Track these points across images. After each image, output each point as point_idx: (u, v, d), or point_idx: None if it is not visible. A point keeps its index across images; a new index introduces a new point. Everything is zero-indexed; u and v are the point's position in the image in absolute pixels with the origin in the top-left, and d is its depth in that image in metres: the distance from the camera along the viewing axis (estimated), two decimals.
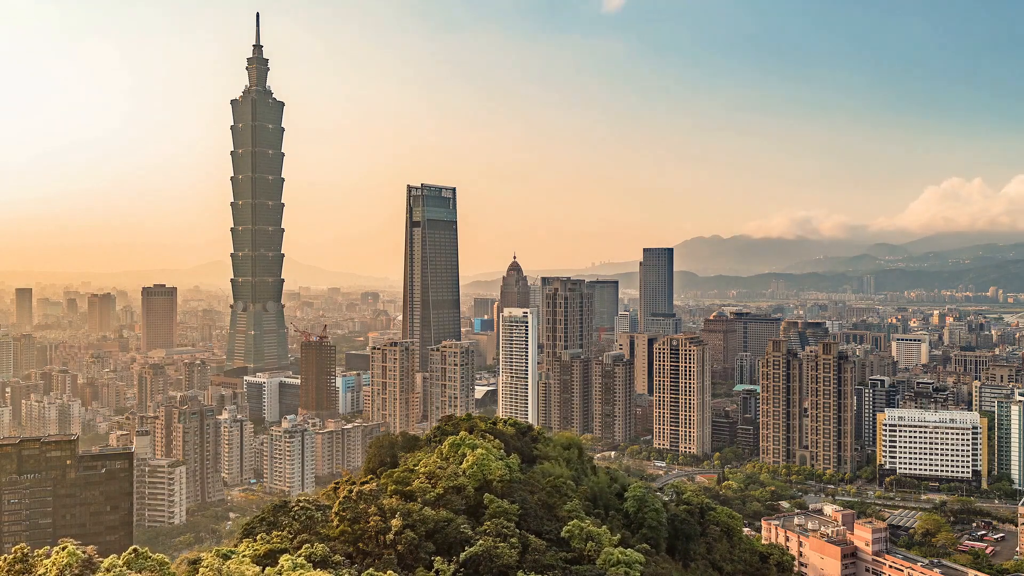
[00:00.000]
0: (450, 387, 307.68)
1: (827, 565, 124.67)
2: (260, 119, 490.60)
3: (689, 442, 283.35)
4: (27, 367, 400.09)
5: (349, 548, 46.85)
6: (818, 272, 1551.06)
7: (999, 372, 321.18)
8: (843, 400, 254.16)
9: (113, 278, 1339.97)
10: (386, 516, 47.26)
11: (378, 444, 76.06)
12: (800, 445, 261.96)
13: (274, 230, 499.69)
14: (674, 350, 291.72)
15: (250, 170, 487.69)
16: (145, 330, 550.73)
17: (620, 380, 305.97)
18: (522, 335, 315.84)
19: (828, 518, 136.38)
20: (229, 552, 39.64)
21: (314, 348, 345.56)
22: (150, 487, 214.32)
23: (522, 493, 56.84)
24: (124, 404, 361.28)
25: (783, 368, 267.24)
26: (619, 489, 74.09)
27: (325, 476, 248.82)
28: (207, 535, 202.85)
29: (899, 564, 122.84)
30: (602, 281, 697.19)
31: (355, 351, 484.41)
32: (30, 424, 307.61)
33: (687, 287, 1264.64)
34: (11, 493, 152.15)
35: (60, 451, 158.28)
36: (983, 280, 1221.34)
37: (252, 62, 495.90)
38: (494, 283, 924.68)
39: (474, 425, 74.52)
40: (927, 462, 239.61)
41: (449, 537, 47.37)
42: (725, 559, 73.88)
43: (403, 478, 57.17)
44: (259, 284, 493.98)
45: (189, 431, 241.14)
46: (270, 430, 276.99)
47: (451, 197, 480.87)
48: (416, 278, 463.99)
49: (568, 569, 47.48)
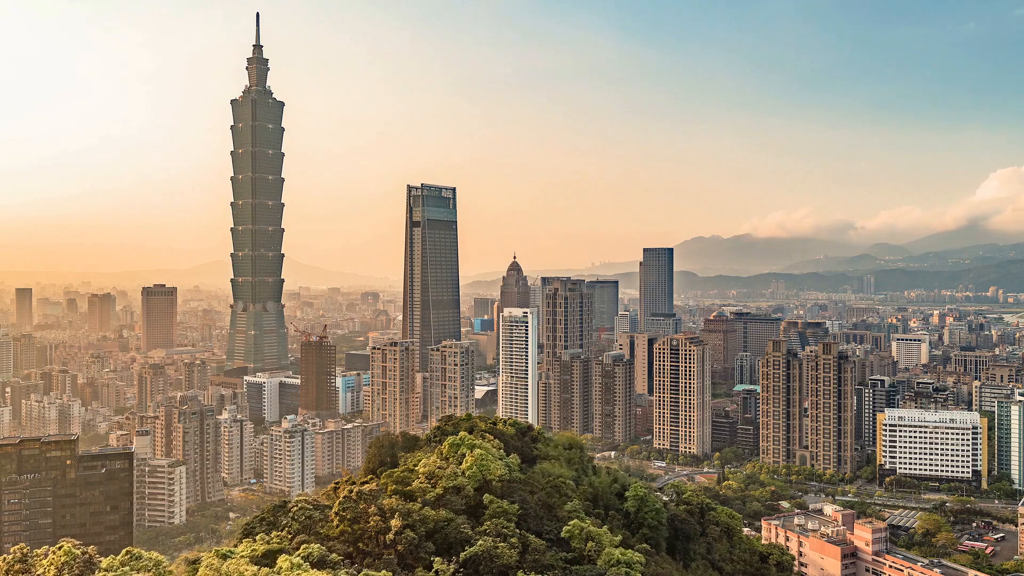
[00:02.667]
0: (450, 387, 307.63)
1: (827, 565, 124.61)
2: (260, 119, 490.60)
3: (689, 442, 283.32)
4: (27, 367, 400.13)
5: (349, 548, 46.78)
6: (818, 272, 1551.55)
7: (999, 372, 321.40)
8: (843, 400, 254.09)
9: (113, 278, 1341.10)
10: (386, 516, 47.18)
11: (378, 444, 75.90)
12: (800, 445, 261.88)
13: (274, 230, 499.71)
14: (674, 350, 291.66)
15: (250, 170, 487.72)
16: (145, 330, 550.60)
17: (620, 380, 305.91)
18: (522, 335, 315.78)
19: (828, 518, 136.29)
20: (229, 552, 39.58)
21: (314, 348, 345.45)
22: (150, 487, 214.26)
23: (522, 493, 56.73)
24: (124, 404, 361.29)
25: (783, 368, 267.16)
26: (619, 489, 73.92)
27: (325, 476, 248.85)
28: (207, 535, 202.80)
29: (899, 564, 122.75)
30: (602, 281, 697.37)
31: (355, 351, 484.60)
32: (30, 424, 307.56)
33: (687, 287, 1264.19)
34: (11, 493, 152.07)
35: (60, 451, 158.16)
36: (983, 280, 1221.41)
37: (252, 62, 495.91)
38: (494, 283, 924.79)
39: (474, 425, 74.39)
40: (927, 462, 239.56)
41: (449, 537, 47.29)
42: (725, 559, 73.79)
43: (403, 478, 57.09)
44: (259, 284, 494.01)
45: (189, 431, 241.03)
46: (270, 430, 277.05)
47: (451, 197, 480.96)
48: (416, 278, 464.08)
49: (568, 569, 47.41)
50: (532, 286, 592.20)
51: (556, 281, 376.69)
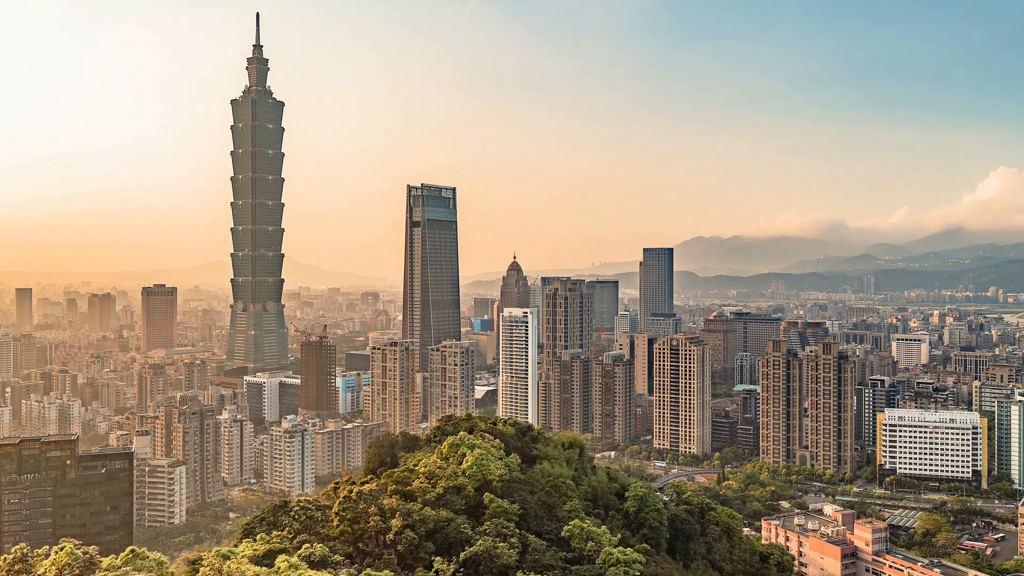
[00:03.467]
0: (450, 387, 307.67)
1: (827, 565, 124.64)
2: (260, 119, 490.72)
3: (689, 442, 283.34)
4: (27, 367, 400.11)
5: (349, 548, 46.82)
6: (818, 272, 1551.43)
7: (999, 372, 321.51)
8: (843, 400, 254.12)
9: (113, 278, 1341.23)
10: (386, 516, 47.23)
11: (378, 444, 75.95)
12: (800, 445, 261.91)
13: (274, 230, 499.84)
14: (674, 350, 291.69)
15: (250, 170, 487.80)
16: (145, 330, 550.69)
17: (620, 380, 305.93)
18: (522, 335, 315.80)
19: (828, 518, 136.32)
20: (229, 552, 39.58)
21: (314, 348, 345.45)
22: (150, 487, 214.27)
23: (522, 493, 56.77)
24: (124, 404, 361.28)
25: (783, 368, 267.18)
26: (619, 489, 73.96)
27: (325, 476, 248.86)
28: (207, 535, 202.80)
29: (899, 564, 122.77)
30: (602, 281, 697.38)
31: (355, 351, 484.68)
32: (30, 424, 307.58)
33: (687, 287, 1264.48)
34: (11, 493, 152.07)
35: (60, 451, 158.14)
36: (983, 280, 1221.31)
37: (252, 62, 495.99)
38: (494, 283, 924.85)
39: (474, 425, 74.43)
40: (927, 462, 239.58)
41: (449, 537, 47.33)
42: (725, 559, 73.80)
43: (403, 478, 57.14)
44: (259, 284, 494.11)
45: (189, 431, 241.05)
46: (270, 430, 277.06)
47: (451, 197, 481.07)
48: (416, 278, 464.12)
49: (568, 569, 47.43)
50: (532, 286, 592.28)
51: (556, 281, 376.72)
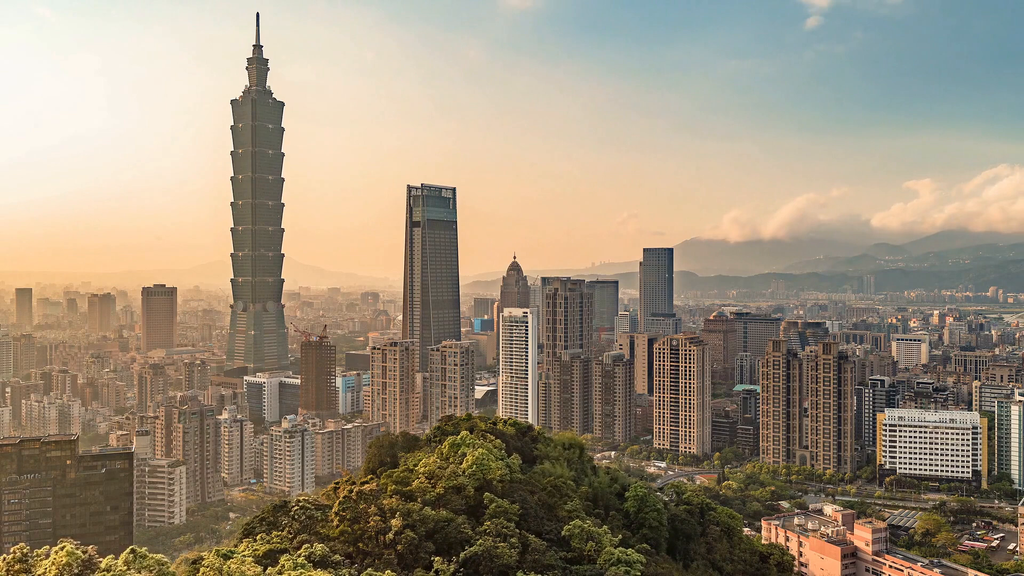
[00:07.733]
0: (450, 387, 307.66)
1: (827, 565, 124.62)
2: (260, 119, 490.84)
3: (689, 442, 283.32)
4: (27, 367, 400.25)
5: (349, 548, 46.82)
6: (818, 272, 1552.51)
7: (999, 372, 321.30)
8: (843, 400, 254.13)
9: (113, 278, 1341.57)
10: (386, 516, 47.23)
11: (378, 444, 76.01)
12: (800, 445, 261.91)
13: (274, 230, 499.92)
14: (674, 350, 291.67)
15: (250, 170, 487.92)
16: (145, 330, 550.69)
17: (620, 380, 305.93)
18: (522, 335, 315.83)
19: (828, 518, 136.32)
20: (229, 552, 39.59)
21: (314, 348, 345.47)
22: (150, 487, 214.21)
23: (522, 493, 56.77)
24: (124, 404, 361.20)
25: (783, 368, 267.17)
26: (619, 489, 74.01)
27: (325, 476, 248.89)
28: (207, 535, 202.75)
29: (899, 564, 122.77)
30: (602, 281, 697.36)
31: (355, 351, 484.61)
32: (30, 424, 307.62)
33: (687, 287, 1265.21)
34: (11, 493, 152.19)
35: (60, 451, 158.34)
36: (983, 280, 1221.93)
37: (252, 62, 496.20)
38: (494, 283, 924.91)
39: (474, 425, 74.47)
40: (927, 462, 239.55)
41: (449, 537, 47.33)
42: (725, 559, 73.77)
43: (403, 478, 57.16)
44: (259, 284, 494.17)
45: (189, 431, 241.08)
46: (270, 430, 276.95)
47: (451, 197, 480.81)
48: (416, 278, 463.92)
49: (568, 569, 47.45)
50: (532, 286, 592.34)
51: (556, 281, 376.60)
